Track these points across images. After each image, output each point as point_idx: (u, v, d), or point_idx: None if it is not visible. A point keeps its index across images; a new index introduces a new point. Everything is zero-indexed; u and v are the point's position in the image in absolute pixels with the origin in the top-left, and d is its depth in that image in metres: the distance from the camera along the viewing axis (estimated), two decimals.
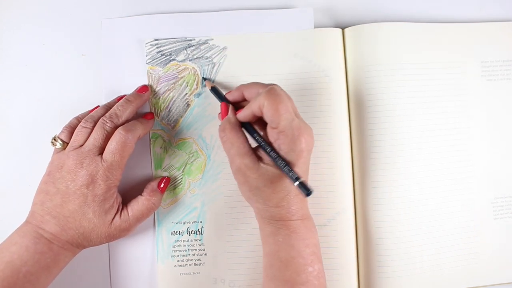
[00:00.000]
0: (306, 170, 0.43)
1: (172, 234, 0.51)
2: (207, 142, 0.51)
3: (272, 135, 0.42)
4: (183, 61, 0.52)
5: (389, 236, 0.51)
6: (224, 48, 0.52)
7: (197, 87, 0.52)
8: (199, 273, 0.51)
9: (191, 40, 0.52)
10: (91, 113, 0.47)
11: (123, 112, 0.47)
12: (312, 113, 0.51)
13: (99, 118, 0.46)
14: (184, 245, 0.51)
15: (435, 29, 0.53)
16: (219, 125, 0.45)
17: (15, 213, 0.51)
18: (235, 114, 0.45)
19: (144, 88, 0.50)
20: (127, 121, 0.47)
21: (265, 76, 0.51)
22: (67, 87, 0.52)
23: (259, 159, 0.42)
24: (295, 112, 0.42)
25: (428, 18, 0.54)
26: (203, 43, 0.52)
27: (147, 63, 0.51)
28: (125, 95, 0.49)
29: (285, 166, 0.40)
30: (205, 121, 0.51)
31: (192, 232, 0.51)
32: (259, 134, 0.43)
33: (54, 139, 0.46)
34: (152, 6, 0.53)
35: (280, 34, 0.52)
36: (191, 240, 0.51)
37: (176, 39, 0.52)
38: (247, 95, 0.45)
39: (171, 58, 0.52)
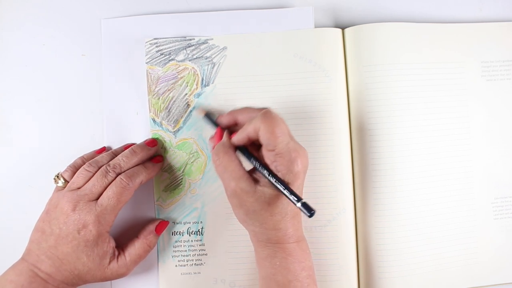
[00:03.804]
0: (302, 191, 0.43)
1: (172, 234, 0.51)
2: (208, 142, 0.51)
3: (268, 157, 0.42)
4: (182, 61, 0.52)
5: (389, 236, 0.51)
6: (224, 48, 0.52)
7: (197, 87, 0.52)
8: (200, 273, 0.51)
9: (190, 39, 0.52)
10: (96, 158, 0.47)
11: (127, 163, 0.47)
12: (312, 113, 0.51)
13: (103, 165, 0.46)
14: (185, 245, 0.51)
15: (435, 29, 0.53)
16: (212, 150, 0.44)
17: (15, 213, 0.51)
18: (230, 138, 0.44)
19: (153, 142, 0.50)
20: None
21: (265, 76, 0.51)
22: (67, 87, 0.52)
23: (255, 181, 0.42)
24: (289, 134, 0.42)
25: (428, 18, 0.54)
26: (203, 43, 0.52)
27: (146, 63, 0.51)
28: (132, 144, 0.50)
29: (285, 188, 0.40)
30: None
31: (193, 233, 0.51)
32: (255, 157, 0.43)
33: (57, 177, 0.46)
34: (152, 6, 0.53)
35: (280, 34, 0.52)
36: (192, 241, 0.51)
37: (175, 39, 0.52)
38: (240, 119, 0.45)
39: (170, 58, 0.52)
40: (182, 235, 0.51)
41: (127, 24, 0.52)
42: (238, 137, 0.43)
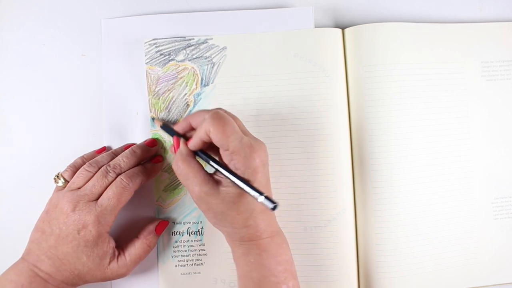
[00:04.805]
0: (267, 184, 0.43)
1: (172, 234, 0.51)
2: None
3: (225, 157, 0.42)
4: (182, 61, 0.52)
5: (389, 236, 0.51)
6: (224, 48, 0.52)
7: (196, 87, 0.52)
8: (200, 273, 0.51)
9: (190, 39, 0.52)
10: (96, 158, 0.47)
11: (127, 164, 0.47)
12: (312, 113, 0.51)
13: (103, 165, 0.46)
14: (185, 245, 0.51)
15: (435, 29, 0.53)
16: (173, 160, 0.44)
17: (15, 213, 0.51)
18: (186, 144, 0.44)
19: (153, 142, 0.50)
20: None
21: (265, 76, 0.51)
22: (67, 87, 0.52)
23: (218, 183, 0.42)
24: (242, 131, 0.42)
25: (428, 18, 0.54)
26: (203, 43, 0.52)
27: (146, 63, 0.51)
28: (133, 144, 0.50)
29: (245, 184, 0.40)
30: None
31: (193, 233, 0.51)
32: (213, 159, 0.43)
33: (57, 177, 0.46)
34: (152, 6, 0.53)
35: (280, 34, 0.52)
36: (192, 241, 0.51)
37: (175, 39, 0.52)
38: (194, 123, 0.45)
39: (170, 58, 0.52)
40: (182, 235, 0.51)
41: (127, 24, 0.52)
42: (193, 143, 0.43)
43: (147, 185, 0.50)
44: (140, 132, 0.51)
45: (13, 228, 0.51)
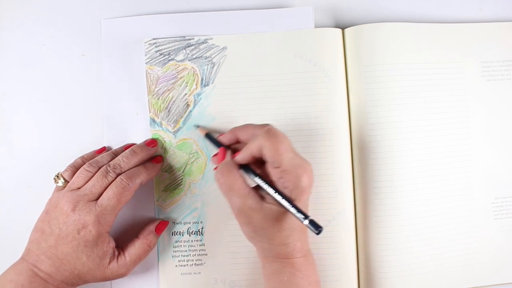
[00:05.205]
0: (307, 206, 0.43)
1: (172, 234, 0.51)
2: (208, 142, 0.51)
3: (274, 174, 0.42)
4: (182, 61, 0.52)
5: (389, 236, 0.51)
6: (224, 48, 0.52)
7: (196, 87, 0.52)
8: (200, 273, 0.51)
9: (190, 39, 0.52)
10: (96, 158, 0.47)
11: (127, 164, 0.47)
12: (311, 113, 0.51)
13: (103, 165, 0.46)
14: (185, 246, 0.51)
15: (435, 29, 0.53)
16: (216, 169, 0.44)
17: (15, 213, 0.51)
18: (232, 157, 0.44)
19: (153, 142, 0.50)
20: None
21: (265, 76, 0.51)
22: (67, 87, 0.52)
23: (261, 198, 0.42)
24: (293, 150, 0.42)
25: (428, 18, 0.54)
26: (203, 43, 0.52)
27: (146, 63, 0.51)
28: (133, 144, 0.50)
29: (291, 205, 0.40)
30: (206, 121, 0.51)
31: (193, 233, 0.51)
32: (259, 175, 0.43)
33: (57, 176, 0.46)
34: (152, 6, 0.53)
35: (280, 34, 0.52)
36: (192, 241, 0.51)
37: (175, 38, 0.52)
38: (241, 137, 0.45)
39: (170, 58, 0.51)
40: (182, 235, 0.51)
41: (127, 24, 0.52)
42: (242, 156, 0.43)
43: (147, 185, 0.50)
44: (140, 132, 0.51)
45: (13, 228, 0.51)
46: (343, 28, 0.53)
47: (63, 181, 0.46)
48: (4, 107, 0.52)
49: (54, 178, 0.46)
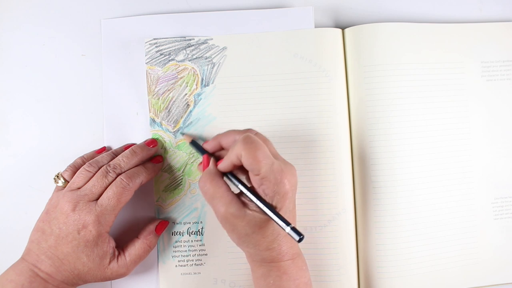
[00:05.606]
0: (293, 209, 0.43)
1: (172, 234, 0.51)
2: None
3: (255, 181, 0.41)
4: (182, 61, 0.52)
5: (389, 236, 0.51)
6: (224, 48, 0.52)
7: (196, 87, 0.52)
8: (200, 273, 0.51)
9: (190, 39, 0.52)
10: (96, 158, 0.47)
11: (127, 164, 0.47)
12: (312, 113, 0.51)
13: (103, 165, 0.46)
14: (185, 246, 0.51)
15: (435, 29, 0.53)
16: (200, 177, 0.44)
17: (15, 213, 0.51)
18: (216, 165, 0.44)
19: (153, 142, 0.50)
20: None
21: (265, 76, 0.51)
22: (67, 87, 0.52)
23: (244, 205, 0.42)
24: (273, 155, 0.42)
25: (428, 18, 0.54)
26: (203, 43, 0.52)
27: (146, 63, 0.51)
28: (133, 144, 0.50)
29: (273, 213, 0.40)
30: (205, 121, 0.51)
31: (193, 233, 0.51)
32: (242, 182, 0.43)
33: (57, 176, 0.46)
34: (152, 6, 0.53)
35: (280, 34, 0.52)
36: (192, 241, 0.51)
37: (175, 39, 0.52)
38: (224, 144, 0.45)
39: (170, 58, 0.52)
40: (182, 235, 0.51)
41: (127, 24, 0.52)
42: (223, 165, 0.43)
43: (147, 185, 0.50)
44: (140, 132, 0.51)
45: (13, 228, 0.51)
46: (343, 28, 0.53)
47: (63, 181, 0.46)
48: (4, 107, 0.52)
49: (54, 178, 0.46)
